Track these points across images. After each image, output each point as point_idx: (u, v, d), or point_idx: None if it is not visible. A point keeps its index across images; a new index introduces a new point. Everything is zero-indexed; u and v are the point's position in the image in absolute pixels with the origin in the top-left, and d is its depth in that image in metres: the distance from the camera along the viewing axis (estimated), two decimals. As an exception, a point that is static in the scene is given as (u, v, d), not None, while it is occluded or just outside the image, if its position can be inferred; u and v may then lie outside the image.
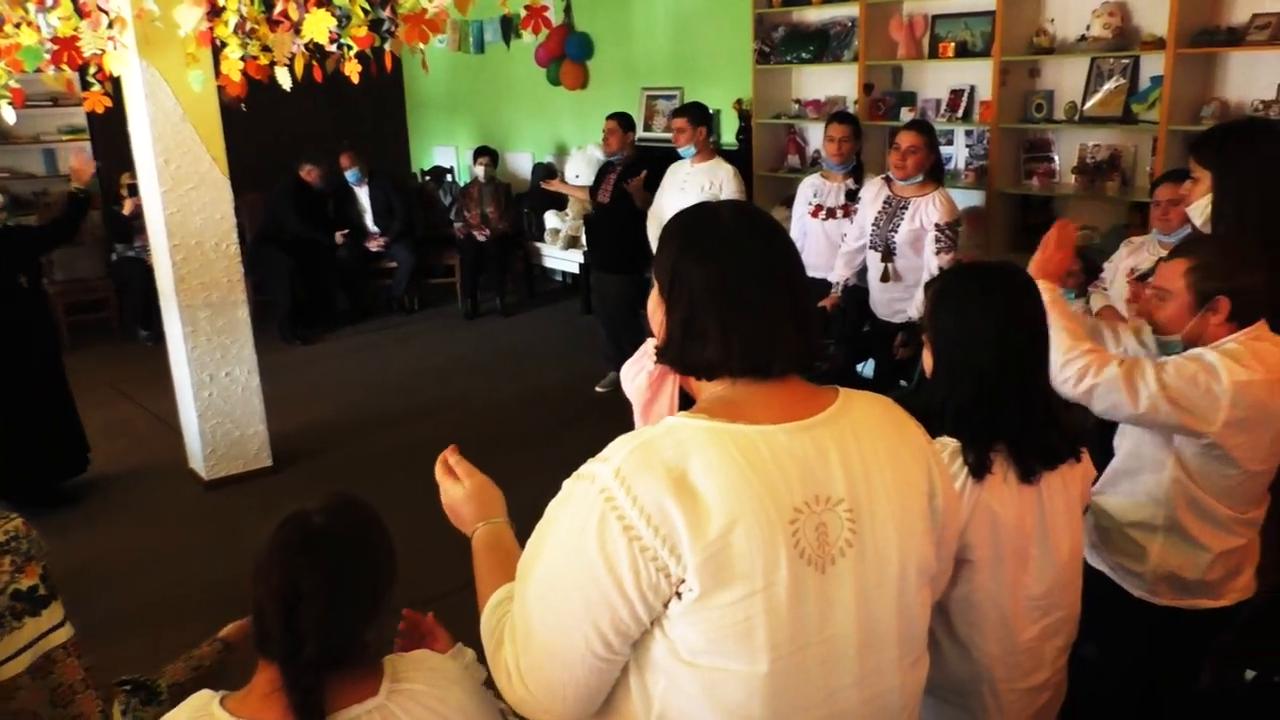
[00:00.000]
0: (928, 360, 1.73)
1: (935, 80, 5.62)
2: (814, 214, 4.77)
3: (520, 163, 8.65)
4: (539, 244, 7.88)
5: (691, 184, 5.05)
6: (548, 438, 4.92)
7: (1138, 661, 2.21)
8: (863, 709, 1.23)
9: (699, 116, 5.19)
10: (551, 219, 7.76)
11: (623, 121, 5.61)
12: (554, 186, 6.77)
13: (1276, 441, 1.99)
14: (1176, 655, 2.23)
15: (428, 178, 8.97)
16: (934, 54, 5.42)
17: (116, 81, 4.33)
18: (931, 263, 4.16)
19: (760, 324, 1.20)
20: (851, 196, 4.67)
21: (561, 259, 7.76)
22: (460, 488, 1.47)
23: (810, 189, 4.86)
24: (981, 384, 1.64)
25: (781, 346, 1.21)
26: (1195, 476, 2.01)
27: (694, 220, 1.29)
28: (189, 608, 3.36)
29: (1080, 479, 1.71)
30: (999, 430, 1.62)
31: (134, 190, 7.02)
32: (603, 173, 5.75)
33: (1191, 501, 2.04)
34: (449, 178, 8.86)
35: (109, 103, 4.29)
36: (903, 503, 1.24)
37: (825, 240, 4.71)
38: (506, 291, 7.69)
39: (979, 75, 5.29)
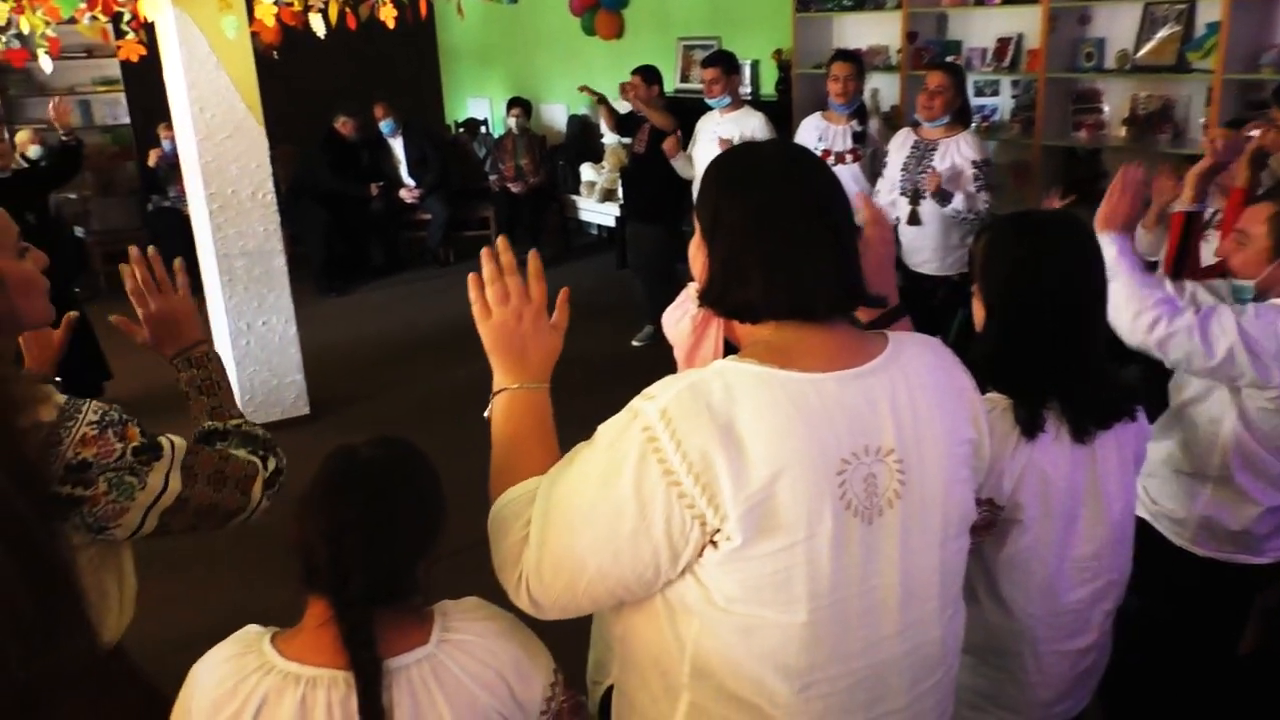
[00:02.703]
0: (978, 313, 1.67)
1: (981, 28, 5.46)
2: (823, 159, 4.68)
3: (555, 114, 8.56)
4: (574, 197, 7.82)
5: (722, 134, 4.96)
6: (583, 390, 4.83)
7: (1178, 613, 2.18)
8: (904, 660, 1.21)
9: (732, 65, 5.07)
10: (587, 171, 7.68)
11: (647, 75, 5.48)
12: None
13: None
14: (1216, 609, 2.21)
15: (462, 130, 8.90)
16: (980, 0, 5.26)
17: (151, 30, 4.31)
18: (977, 199, 4.06)
19: (802, 259, 1.16)
20: (858, 139, 4.59)
21: (597, 212, 7.69)
22: (532, 311, 1.39)
23: (815, 131, 4.72)
24: (1036, 339, 1.58)
25: (824, 284, 1.17)
26: (1254, 429, 1.99)
27: (735, 158, 1.27)
28: (217, 555, 3.38)
29: (1134, 438, 1.65)
30: (1052, 387, 1.57)
31: (157, 140, 7.05)
32: (636, 123, 5.67)
33: (1247, 454, 2.02)
34: (483, 129, 8.79)
35: (143, 51, 4.29)
36: (948, 451, 1.21)
37: None
38: (542, 245, 7.62)
39: (1027, 23, 5.14)
